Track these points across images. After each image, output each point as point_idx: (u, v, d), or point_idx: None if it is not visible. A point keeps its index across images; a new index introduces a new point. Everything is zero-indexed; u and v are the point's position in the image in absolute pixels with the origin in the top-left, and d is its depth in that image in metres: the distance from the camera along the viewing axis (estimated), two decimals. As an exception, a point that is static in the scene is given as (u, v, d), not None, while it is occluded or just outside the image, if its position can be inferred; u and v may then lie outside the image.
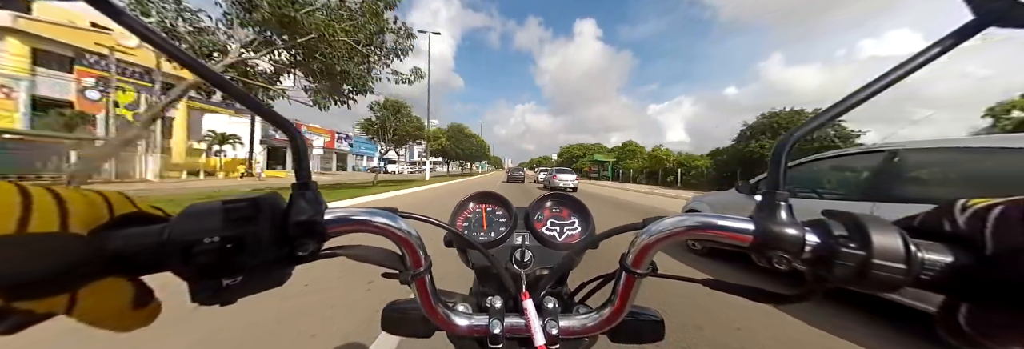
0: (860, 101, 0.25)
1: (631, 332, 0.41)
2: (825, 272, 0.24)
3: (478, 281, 0.48)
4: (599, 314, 0.37)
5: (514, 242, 0.46)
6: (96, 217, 0.22)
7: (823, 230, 0.25)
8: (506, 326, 0.36)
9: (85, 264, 0.20)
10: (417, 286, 0.34)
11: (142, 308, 0.24)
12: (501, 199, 0.52)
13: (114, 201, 0.24)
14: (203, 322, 1.86)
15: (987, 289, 0.21)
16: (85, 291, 0.20)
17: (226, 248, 0.24)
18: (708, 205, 3.87)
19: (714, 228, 0.27)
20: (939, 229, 0.25)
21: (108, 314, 0.22)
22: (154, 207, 0.27)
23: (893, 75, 0.24)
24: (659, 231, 0.29)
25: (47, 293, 0.19)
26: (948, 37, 0.24)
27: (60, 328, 0.38)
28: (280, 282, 0.28)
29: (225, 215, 0.24)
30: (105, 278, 0.21)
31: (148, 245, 0.23)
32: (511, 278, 0.40)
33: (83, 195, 0.22)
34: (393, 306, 0.44)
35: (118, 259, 0.22)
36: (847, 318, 2.22)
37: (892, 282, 0.22)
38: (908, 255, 0.22)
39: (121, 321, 0.23)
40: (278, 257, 0.26)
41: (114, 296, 0.22)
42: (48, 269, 0.18)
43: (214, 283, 0.24)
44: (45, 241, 0.19)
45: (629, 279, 0.33)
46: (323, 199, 0.29)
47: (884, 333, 2.05)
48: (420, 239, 0.32)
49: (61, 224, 0.19)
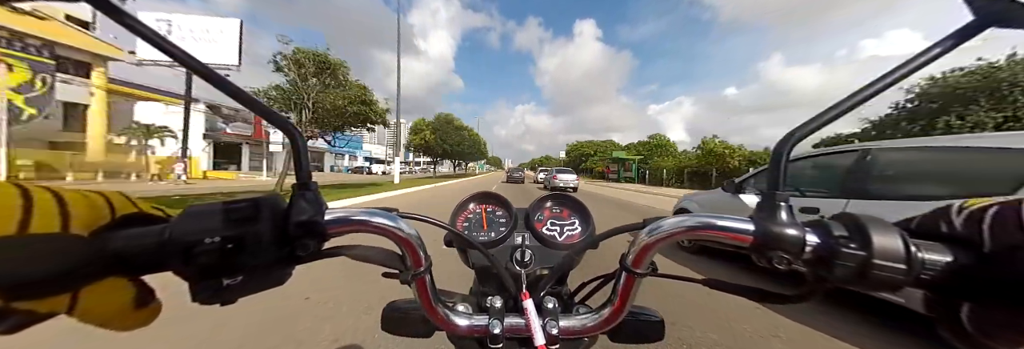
0: (861, 101, 0.25)
1: (631, 332, 0.41)
2: (825, 272, 0.24)
3: (478, 281, 0.48)
4: (599, 314, 0.37)
5: (514, 242, 0.46)
6: (97, 218, 0.22)
7: (823, 230, 0.25)
8: (506, 326, 0.36)
9: (86, 264, 0.20)
10: (417, 286, 0.34)
11: (143, 308, 0.24)
12: (501, 199, 0.52)
13: (115, 202, 0.24)
14: (213, 317, 1.86)
15: (987, 288, 0.22)
16: (86, 291, 0.20)
17: (226, 248, 0.24)
18: (697, 204, 3.99)
19: (715, 228, 0.27)
20: (936, 231, 0.25)
21: (109, 314, 0.22)
22: (156, 207, 0.27)
23: (894, 75, 0.24)
24: (659, 231, 0.29)
25: (48, 293, 0.19)
26: (948, 38, 0.23)
27: (61, 328, 0.38)
28: (280, 282, 0.28)
29: (225, 215, 0.24)
30: (106, 278, 0.22)
31: (149, 245, 0.23)
32: (511, 278, 0.40)
33: (84, 196, 0.22)
34: (393, 306, 0.44)
35: (119, 259, 0.22)
36: (834, 315, 2.22)
37: (893, 282, 0.22)
38: (908, 255, 0.22)
39: (122, 321, 0.23)
40: (278, 257, 0.26)
41: (115, 296, 0.22)
42: (49, 269, 0.18)
43: (214, 283, 0.24)
44: (46, 242, 0.19)
45: (629, 279, 0.33)
46: (323, 199, 0.29)
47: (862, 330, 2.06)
48: (420, 239, 0.32)
49: (62, 225, 0.20)
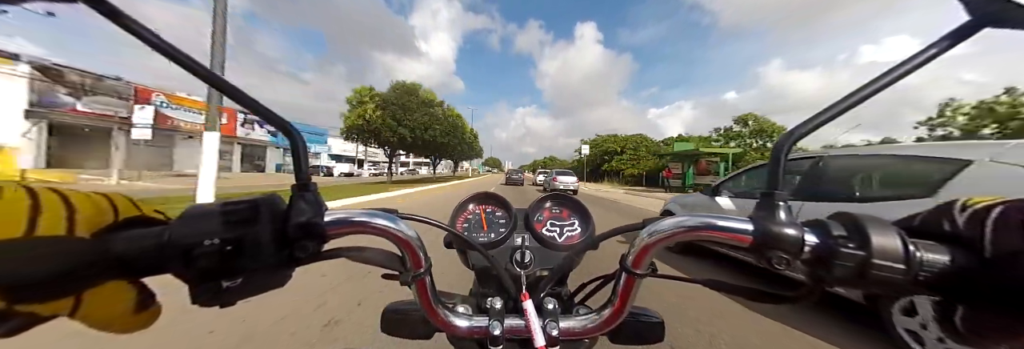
0: (857, 102, 0.25)
1: (631, 333, 0.41)
2: (824, 272, 0.24)
3: (478, 282, 0.48)
4: (599, 315, 0.37)
5: (514, 243, 0.46)
6: (101, 220, 0.22)
7: (822, 230, 0.25)
8: (506, 327, 0.36)
9: (89, 267, 0.20)
10: (417, 287, 0.34)
11: (144, 311, 0.24)
12: (501, 200, 0.52)
13: (119, 204, 0.24)
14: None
15: (984, 292, 0.21)
16: (89, 294, 0.21)
17: (226, 250, 0.23)
18: (680, 206, 4.36)
19: (714, 229, 0.27)
20: (939, 229, 0.25)
21: (111, 316, 0.22)
22: (157, 211, 0.27)
23: (891, 76, 0.24)
24: (659, 232, 0.29)
25: (51, 296, 0.19)
26: (945, 38, 0.23)
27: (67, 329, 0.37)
28: (280, 284, 0.28)
29: (224, 217, 0.24)
30: (109, 281, 0.22)
31: (149, 247, 0.23)
32: (511, 279, 0.40)
33: (89, 198, 0.22)
34: (393, 307, 0.44)
35: (121, 262, 0.22)
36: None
37: (892, 282, 0.22)
38: (907, 255, 0.22)
39: (124, 323, 0.23)
40: (278, 259, 0.26)
41: (117, 299, 0.22)
42: (51, 272, 0.19)
43: (214, 285, 0.24)
44: (51, 244, 0.19)
45: (629, 280, 0.33)
46: (323, 200, 0.29)
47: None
48: (420, 240, 0.31)
49: (68, 228, 0.20)
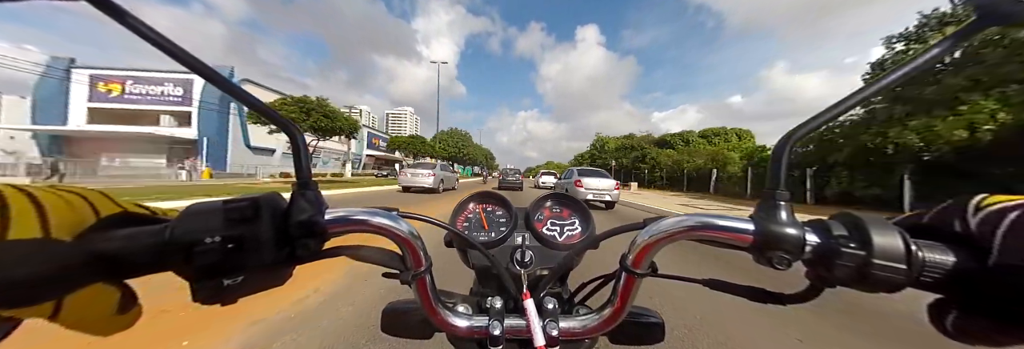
0: (859, 101, 0.25)
1: (631, 333, 0.41)
2: (825, 272, 0.24)
3: (478, 281, 0.48)
4: (599, 315, 0.36)
5: (514, 242, 0.46)
6: (80, 220, 0.21)
7: (823, 230, 0.25)
8: (506, 327, 0.36)
9: (72, 269, 0.19)
10: (417, 286, 0.34)
11: (126, 312, 0.23)
12: (501, 199, 0.52)
13: (96, 202, 0.23)
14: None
15: (982, 298, 0.21)
16: (71, 297, 0.19)
17: (227, 248, 0.24)
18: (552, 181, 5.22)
19: (714, 228, 0.27)
20: (949, 228, 0.24)
21: (93, 319, 0.21)
22: (139, 205, 0.26)
23: (894, 75, 0.24)
24: (659, 231, 0.29)
25: (33, 301, 0.18)
26: (948, 38, 0.23)
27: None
28: (281, 282, 0.28)
29: (226, 215, 0.24)
30: (92, 284, 0.21)
31: (149, 245, 0.23)
32: (511, 278, 0.40)
33: (60, 197, 0.21)
34: (393, 307, 0.44)
35: (111, 261, 0.22)
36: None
37: (893, 282, 0.22)
38: (909, 255, 0.22)
39: (106, 326, 0.22)
40: (279, 257, 0.26)
41: (100, 301, 0.21)
42: (32, 276, 0.18)
43: (215, 283, 0.24)
44: (28, 247, 0.18)
45: (629, 279, 0.33)
46: (324, 199, 0.29)
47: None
48: (421, 239, 0.32)
49: (42, 229, 0.18)
